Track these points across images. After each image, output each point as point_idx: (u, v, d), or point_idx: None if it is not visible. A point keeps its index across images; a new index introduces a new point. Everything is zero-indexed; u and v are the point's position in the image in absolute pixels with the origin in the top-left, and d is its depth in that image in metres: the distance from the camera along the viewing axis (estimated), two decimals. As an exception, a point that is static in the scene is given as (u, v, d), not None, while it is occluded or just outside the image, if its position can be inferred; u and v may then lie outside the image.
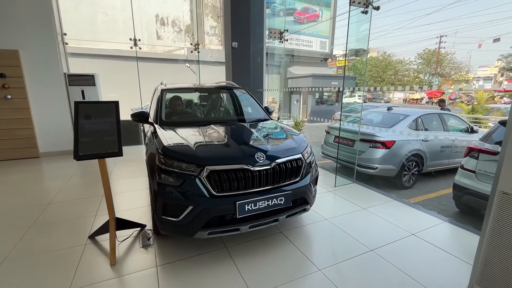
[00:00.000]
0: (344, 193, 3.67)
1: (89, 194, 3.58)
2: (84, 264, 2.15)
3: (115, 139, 2.09)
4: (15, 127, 5.15)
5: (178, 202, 2.01)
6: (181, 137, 2.37)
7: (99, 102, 2.15)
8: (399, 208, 3.21)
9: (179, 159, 2.06)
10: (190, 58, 12.87)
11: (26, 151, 5.32)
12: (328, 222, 2.84)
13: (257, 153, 2.15)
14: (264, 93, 7.54)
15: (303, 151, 2.44)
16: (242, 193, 2.07)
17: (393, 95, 40.05)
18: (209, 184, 2.00)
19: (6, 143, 5.13)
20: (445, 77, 36.37)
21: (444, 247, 2.40)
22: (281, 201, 2.19)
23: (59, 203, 3.30)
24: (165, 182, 2.05)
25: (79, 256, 2.24)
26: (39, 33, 5.09)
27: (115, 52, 11.16)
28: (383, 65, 39.17)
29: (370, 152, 4.51)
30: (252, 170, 2.08)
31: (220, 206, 2.00)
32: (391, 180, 4.76)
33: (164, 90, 3.28)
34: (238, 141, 2.38)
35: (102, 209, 3.15)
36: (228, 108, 3.53)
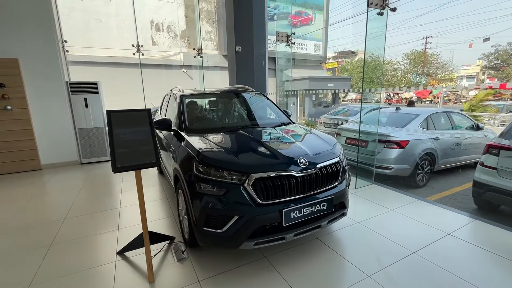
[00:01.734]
0: (366, 195, 3.64)
1: (104, 207, 3.42)
2: (121, 283, 2.02)
3: (151, 149, 1.98)
4: (16, 139, 4.91)
5: (222, 212, 1.91)
6: (214, 143, 2.28)
7: (131, 111, 2.04)
8: (426, 208, 3.20)
9: (219, 167, 1.97)
10: (186, 63, 12.75)
11: (27, 164, 5.07)
12: (361, 226, 2.79)
13: (299, 158, 2.08)
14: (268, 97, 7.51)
15: (339, 154, 2.39)
16: (287, 200, 1.99)
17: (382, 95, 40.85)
18: (254, 192, 1.92)
19: (6, 156, 4.88)
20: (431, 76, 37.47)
21: (485, 246, 2.39)
22: (323, 206, 2.13)
23: (76, 218, 3.13)
24: (205, 192, 1.96)
25: (113, 275, 2.11)
26: (39, 41, 4.90)
27: (111, 59, 10.93)
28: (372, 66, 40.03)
29: (385, 153, 4.52)
30: (296, 176, 2.01)
31: (266, 215, 1.92)
32: (405, 179, 4.77)
33: (183, 96, 3.19)
34: (274, 146, 2.31)
35: (124, 222, 3.00)
36: (250, 112, 3.46)
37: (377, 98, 36.68)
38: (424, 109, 5.29)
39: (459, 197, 4.40)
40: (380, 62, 40.40)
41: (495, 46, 30.98)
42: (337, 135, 5.52)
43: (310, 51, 16.01)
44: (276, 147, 2.27)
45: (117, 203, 3.54)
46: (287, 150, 2.22)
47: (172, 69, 13.00)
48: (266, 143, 2.34)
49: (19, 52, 4.77)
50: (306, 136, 2.70)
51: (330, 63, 41.59)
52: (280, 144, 2.39)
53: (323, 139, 2.58)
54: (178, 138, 2.62)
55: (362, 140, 4.82)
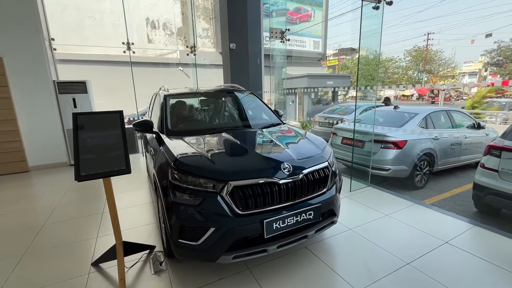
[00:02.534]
0: (361, 198, 3.48)
1: (87, 212, 3.28)
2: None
3: (122, 154, 1.82)
4: (1, 140, 4.77)
5: (197, 223, 1.76)
6: (193, 147, 2.12)
7: (101, 113, 1.89)
8: (423, 213, 3.04)
9: (195, 174, 1.81)
10: (183, 61, 12.57)
11: (15, 166, 4.94)
12: (353, 233, 2.63)
13: (283, 164, 1.92)
14: (263, 95, 7.33)
15: (328, 158, 2.23)
16: (269, 210, 1.84)
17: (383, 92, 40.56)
18: (233, 202, 1.76)
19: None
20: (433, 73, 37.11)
21: (482, 255, 2.23)
22: (310, 215, 1.97)
23: (55, 225, 2.99)
24: (180, 201, 1.80)
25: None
26: (25, 39, 4.74)
27: (105, 57, 10.77)
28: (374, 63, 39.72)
29: (382, 153, 4.35)
30: (279, 183, 1.85)
31: (245, 226, 1.77)
32: (403, 181, 4.61)
33: (167, 96, 3.03)
34: (258, 150, 2.15)
35: (104, 229, 2.86)
36: (237, 112, 3.30)
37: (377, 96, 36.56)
38: (423, 108, 5.11)
39: (459, 199, 4.23)
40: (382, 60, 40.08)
41: (498, 42, 30.60)
42: (333, 135, 5.36)
43: (309, 48, 15.78)
44: (259, 151, 2.12)
45: (100, 207, 3.40)
46: (270, 155, 2.06)
47: (169, 67, 12.84)
48: (249, 147, 2.18)
49: (3, 50, 4.62)
50: (294, 139, 2.53)
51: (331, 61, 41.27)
52: (264, 148, 2.23)
53: (312, 142, 2.42)
54: (159, 142, 2.47)
55: (358, 140, 4.65)
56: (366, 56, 43.43)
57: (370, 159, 4.33)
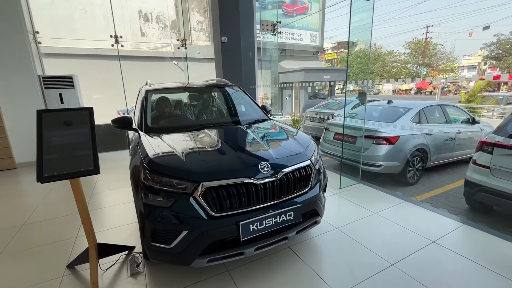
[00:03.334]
0: (350, 195, 3.41)
1: (70, 211, 3.20)
2: (60, 303, 1.81)
3: (90, 154, 1.73)
4: (-14, 137, 4.66)
5: (169, 226, 1.68)
6: (169, 146, 2.03)
7: (68, 110, 1.79)
8: (412, 211, 2.97)
9: (168, 174, 1.72)
10: (177, 55, 12.35)
11: (0, 163, 4.84)
12: (339, 232, 2.57)
13: (260, 163, 1.84)
14: (257, 90, 7.21)
15: (311, 156, 2.14)
16: (245, 211, 1.76)
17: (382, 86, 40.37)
18: (206, 203, 1.68)
19: (-24, 155, 4.65)
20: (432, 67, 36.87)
21: (470, 256, 2.17)
22: (290, 216, 1.90)
23: (35, 224, 2.91)
24: (152, 203, 1.72)
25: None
26: (6, 32, 4.59)
27: (97, 51, 10.55)
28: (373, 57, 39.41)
29: (373, 149, 4.27)
30: (256, 184, 1.77)
31: (220, 228, 1.69)
32: (395, 177, 4.54)
33: (148, 91, 2.92)
34: (236, 148, 2.06)
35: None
36: (222, 108, 3.19)
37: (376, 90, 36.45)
38: (417, 102, 5.01)
39: (451, 195, 4.17)
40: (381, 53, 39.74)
41: (497, 35, 30.33)
42: (326, 130, 5.26)
43: (306, 42, 15.54)
44: (238, 150, 2.03)
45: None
46: (248, 154, 1.98)
47: (164, 62, 12.63)
48: (227, 145, 2.08)
49: (-15, 44, 4.47)
50: (277, 136, 2.44)
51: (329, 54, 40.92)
52: (244, 146, 2.14)
53: (295, 139, 2.33)
54: (136, 139, 2.37)
55: (350, 135, 4.57)
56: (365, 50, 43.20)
57: (359, 155, 4.26)
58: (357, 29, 3.68)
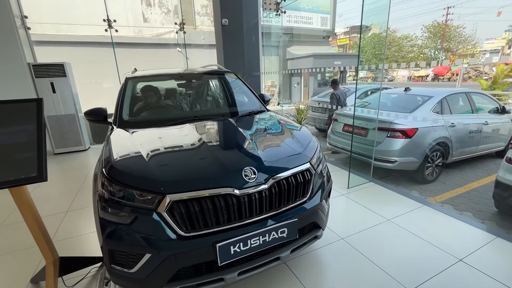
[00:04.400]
0: (360, 197, 3.01)
1: (49, 211, 2.95)
2: (10, 331, 1.55)
3: (34, 157, 1.40)
4: (-24, 129, 4.47)
5: (129, 248, 1.36)
6: (138, 145, 1.67)
7: (8, 102, 1.46)
8: (433, 218, 2.55)
9: (127, 184, 1.38)
10: (181, 41, 11.90)
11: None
12: (345, 244, 2.20)
13: (245, 169, 1.46)
14: (261, 77, 6.74)
15: (312, 157, 1.75)
16: (225, 229, 1.41)
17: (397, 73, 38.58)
18: (174, 221, 1.34)
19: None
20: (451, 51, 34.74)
21: (508, 282, 1.76)
22: (283, 233, 1.53)
23: (9, 226, 2.68)
24: (110, 219, 1.39)
25: (8, 316, 1.64)
26: (-10, 16, 4.30)
27: (98, 38, 10.21)
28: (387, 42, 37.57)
29: (387, 143, 3.80)
30: (238, 196, 1.40)
31: (192, 251, 1.35)
32: (411, 174, 4.08)
33: (129, 79, 2.56)
34: (218, 148, 1.69)
35: (63, 232, 2.53)
36: (212, 99, 2.82)
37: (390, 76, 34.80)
38: (438, 90, 4.45)
39: (476, 195, 3.69)
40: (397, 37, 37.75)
41: (526, 16, 27.93)
42: (334, 121, 4.80)
43: (317, 25, 14.69)
44: (219, 151, 1.65)
45: (66, 205, 3.07)
46: (231, 156, 1.60)
47: (168, 48, 12.21)
48: (208, 145, 1.71)
49: (-31, 30, 4.20)
50: (270, 132, 2.05)
51: (342, 39, 39.24)
52: (227, 146, 1.77)
53: (293, 136, 1.93)
54: (107, 136, 2.03)
55: (361, 127, 4.10)
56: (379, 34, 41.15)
57: (373, 149, 3.81)
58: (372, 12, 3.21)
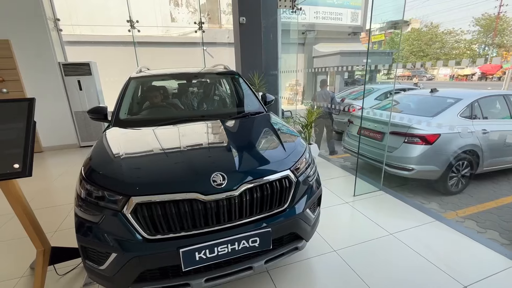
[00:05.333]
0: (365, 206, 2.81)
1: (60, 201, 3.18)
2: (1, 312, 1.68)
3: (20, 153, 1.50)
4: (14, 122, 4.97)
5: (97, 246, 1.39)
6: (120, 146, 1.71)
7: (2, 101, 1.57)
8: (443, 236, 2.29)
9: (98, 184, 1.41)
10: (207, 40, 12.14)
11: (28, 146, 5.17)
12: (337, 257, 2.06)
13: (214, 174, 1.41)
14: (279, 76, 6.61)
15: (294, 164, 1.65)
16: (190, 235, 1.38)
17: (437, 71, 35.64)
18: (138, 223, 1.34)
19: (6, 138, 5.01)
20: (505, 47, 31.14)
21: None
22: (254, 242, 1.47)
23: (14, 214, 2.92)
24: (82, 216, 1.44)
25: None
26: (28, 20, 4.73)
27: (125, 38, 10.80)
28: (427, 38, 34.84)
29: (404, 149, 3.50)
30: (204, 201, 1.36)
31: (156, 254, 1.34)
32: (432, 184, 3.73)
33: (132, 79, 2.65)
34: (195, 151, 1.66)
35: (68, 223, 2.71)
36: (210, 99, 2.80)
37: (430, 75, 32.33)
38: (470, 92, 3.99)
39: (508, 212, 3.26)
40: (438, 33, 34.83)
41: None
42: (350, 123, 4.55)
43: (346, 21, 14.02)
44: (194, 153, 1.62)
45: (78, 196, 3.28)
46: (202, 160, 1.56)
47: (195, 47, 12.55)
48: (186, 147, 1.69)
49: (10, 32, 4.66)
50: (257, 136, 1.97)
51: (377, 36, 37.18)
52: (203, 148, 1.72)
53: (279, 141, 1.84)
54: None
55: (376, 131, 3.83)
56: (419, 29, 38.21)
57: (388, 155, 3.54)
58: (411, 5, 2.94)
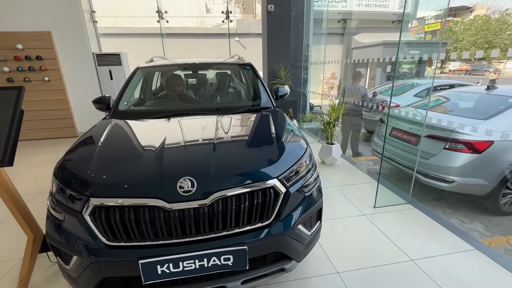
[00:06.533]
0: (386, 221, 2.41)
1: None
2: (-9, 294, 1.74)
3: (2, 142, 1.48)
4: (54, 108, 5.41)
5: (61, 245, 1.32)
6: (100, 140, 1.63)
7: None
8: (484, 270, 1.83)
9: (65, 181, 1.34)
10: (240, 31, 11.99)
11: (65, 131, 5.60)
12: (338, 281, 1.76)
13: (182, 179, 1.23)
14: (309, 68, 6.18)
15: (284, 172, 1.39)
16: (152, 246, 1.22)
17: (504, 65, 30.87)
18: (96, 227, 1.22)
19: (47, 123, 5.47)
20: None
21: None
22: (227, 260, 1.26)
23: (40, 196, 3.10)
24: (50, 212, 1.38)
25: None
26: (67, 12, 5.02)
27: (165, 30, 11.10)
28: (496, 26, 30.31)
29: (444, 156, 2.96)
30: (168, 210, 1.19)
31: (115, 262, 1.22)
32: (479, 200, 3.12)
33: (138, 69, 2.59)
34: (172, 150, 1.49)
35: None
36: (214, 92, 2.61)
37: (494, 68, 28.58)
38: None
39: None
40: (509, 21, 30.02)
41: None
42: (381, 123, 4.03)
43: (393, 9, 12.67)
44: (169, 153, 1.45)
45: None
46: (175, 161, 1.38)
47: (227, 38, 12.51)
48: (164, 145, 1.52)
49: (51, 24, 5.01)
50: (249, 135, 1.73)
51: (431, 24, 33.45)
52: (181, 148, 1.54)
53: (273, 143, 1.58)
54: None
55: (411, 133, 3.31)
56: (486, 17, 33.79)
57: (423, 162, 3.03)
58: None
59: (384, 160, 3.92)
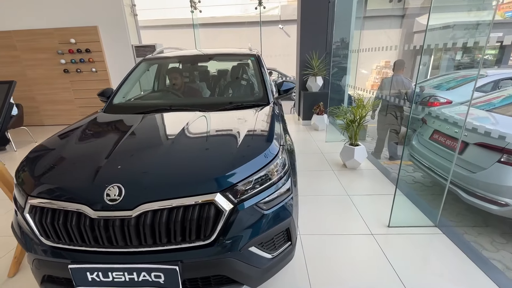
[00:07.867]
0: (399, 248, 1.98)
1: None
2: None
3: (-11, 133, 1.60)
4: (101, 97, 5.98)
5: (16, 238, 1.37)
6: (71, 136, 1.64)
7: (-15, 83, 1.71)
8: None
9: (18, 174, 1.39)
10: (284, 18, 11.49)
11: (109, 117, 6.18)
12: (311, 313, 1.49)
13: (110, 186, 1.13)
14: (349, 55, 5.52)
15: (233, 185, 1.18)
16: (81, 251, 1.17)
17: None
18: (35, 226, 1.22)
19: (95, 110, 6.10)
20: None
21: None
22: (158, 278, 1.15)
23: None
24: (15, 202, 1.44)
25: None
26: (110, 6, 5.41)
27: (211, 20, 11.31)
28: None
29: (496, 172, 2.29)
30: (92, 218, 1.11)
31: (50, 262, 1.22)
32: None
33: (144, 61, 2.62)
34: (125, 151, 1.39)
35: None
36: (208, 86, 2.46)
37: None
38: None
39: None
40: None
41: None
42: (423, 123, 3.36)
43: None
44: (120, 153, 1.36)
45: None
46: (115, 164, 1.28)
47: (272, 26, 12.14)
48: (124, 144, 1.44)
49: (97, 19, 5.47)
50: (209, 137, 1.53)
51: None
52: (134, 148, 1.42)
53: (235, 146, 1.37)
54: None
55: (456, 138, 2.66)
56: None
57: (468, 176, 2.42)
58: None
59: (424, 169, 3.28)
